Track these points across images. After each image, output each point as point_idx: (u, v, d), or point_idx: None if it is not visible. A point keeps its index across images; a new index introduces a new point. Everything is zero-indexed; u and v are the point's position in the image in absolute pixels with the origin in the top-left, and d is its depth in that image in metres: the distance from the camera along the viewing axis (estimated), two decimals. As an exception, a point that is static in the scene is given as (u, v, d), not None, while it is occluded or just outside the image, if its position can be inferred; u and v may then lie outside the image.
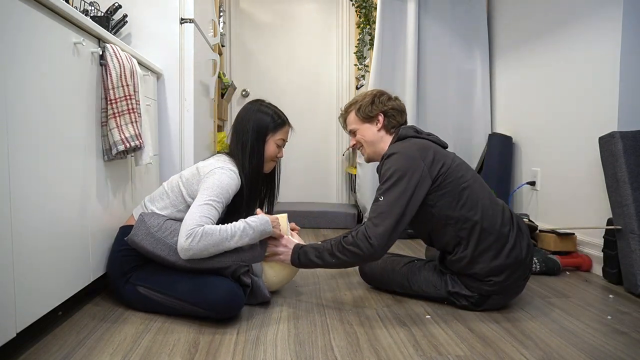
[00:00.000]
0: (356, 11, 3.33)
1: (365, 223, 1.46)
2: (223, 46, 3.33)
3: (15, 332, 1.03)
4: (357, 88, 3.65)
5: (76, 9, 1.38)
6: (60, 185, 1.24)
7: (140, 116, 1.63)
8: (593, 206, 2.02)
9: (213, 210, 1.38)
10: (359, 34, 3.44)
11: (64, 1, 1.20)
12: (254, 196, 1.61)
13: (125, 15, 2.04)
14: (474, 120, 2.92)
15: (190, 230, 1.31)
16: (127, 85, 1.52)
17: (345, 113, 1.72)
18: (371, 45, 3.04)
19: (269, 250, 1.52)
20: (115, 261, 1.47)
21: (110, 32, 1.81)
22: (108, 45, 1.48)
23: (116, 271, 1.46)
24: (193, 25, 2.19)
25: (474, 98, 2.93)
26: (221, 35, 3.15)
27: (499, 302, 1.49)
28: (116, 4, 1.96)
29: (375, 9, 2.82)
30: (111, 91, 1.47)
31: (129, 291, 1.43)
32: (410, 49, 2.79)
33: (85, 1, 1.87)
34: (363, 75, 3.36)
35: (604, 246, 1.89)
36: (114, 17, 1.97)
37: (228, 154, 1.60)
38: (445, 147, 1.60)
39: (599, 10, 1.98)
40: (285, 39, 3.81)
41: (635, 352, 1.20)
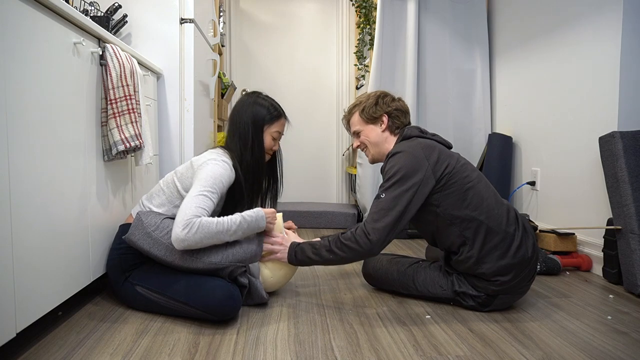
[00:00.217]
0: (356, 11, 3.33)
1: (364, 219, 1.46)
2: (223, 46, 3.33)
3: (15, 332, 1.03)
4: (357, 88, 3.66)
5: (76, 9, 1.38)
6: (60, 185, 1.24)
7: (140, 116, 1.63)
8: (593, 206, 2.02)
9: (208, 201, 1.37)
10: (359, 34, 3.45)
11: (64, 1, 1.20)
12: (256, 189, 1.60)
13: (125, 15, 2.04)
14: (474, 120, 2.92)
15: (187, 221, 1.30)
16: (127, 85, 1.52)
17: (348, 114, 1.72)
18: (371, 45, 3.04)
19: (265, 248, 1.52)
20: (114, 259, 1.47)
21: (110, 32, 1.81)
22: (108, 45, 1.48)
23: (115, 269, 1.46)
24: (193, 25, 2.19)
25: (474, 98, 2.93)
26: (221, 35, 3.15)
27: (505, 303, 1.49)
28: (116, 4, 1.96)
29: (375, 9, 2.82)
30: (111, 91, 1.47)
31: (127, 290, 1.43)
32: (410, 49, 2.79)
33: (85, 1, 1.87)
34: (363, 75, 3.37)
35: (604, 246, 1.89)
36: (114, 17, 1.97)
37: (224, 147, 1.59)
38: (450, 147, 1.60)
39: (599, 10, 1.98)
40: (285, 39, 3.81)
41: (635, 352, 1.20)
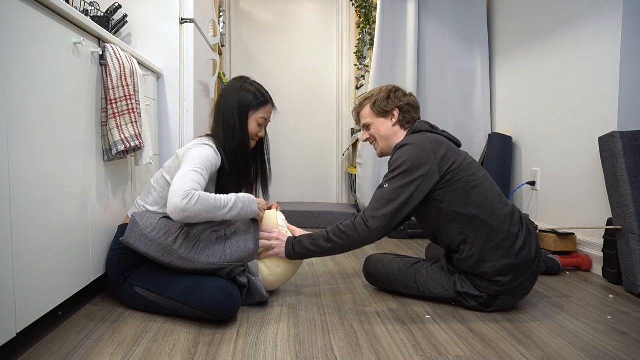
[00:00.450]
0: (356, 11, 3.33)
1: (371, 208, 1.46)
2: (223, 46, 3.33)
3: (15, 332, 1.03)
4: (357, 88, 3.66)
5: (76, 9, 1.38)
6: (60, 185, 1.24)
7: (140, 116, 1.63)
8: (593, 206, 2.02)
9: (200, 177, 1.35)
10: (359, 34, 3.44)
11: (64, 1, 1.20)
12: (242, 176, 1.57)
13: (125, 15, 2.04)
14: (474, 120, 2.92)
15: (187, 192, 1.28)
16: (127, 85, 1.52)
17: (359, 107, 1.70)
18: (371, 45, 3.04)
19: (261, 244, 1.52)
20: (113, 260, 1.46)
21: (110, 32, 1.82)
22: (108, 45, 1.48)
23: (114, 270, 1.46)
24: (193, 25, 2.19)
25: (474, 98, 2.93)
26: (221, 35, 3.15)
27: (507, 304, 1.48)
28: (116, 4, 1.96)
29: (375, 9, 2.82)
30: (111, 91, 1.47)
31: (126, 291, 1.43)
32: (410, 49, 2.79)
33: (85, 1, 1.87)
34: (363, 75, 3.37)
35: (604, 246, 1.89)
36: (114, 17, 1.97)
37: (209, 134, 1.57)
38: (459, 145, 1.60)
39: (599, 10, 1.98)
40: (285, 39, 3.81)
41: (635, 352, 1.20)
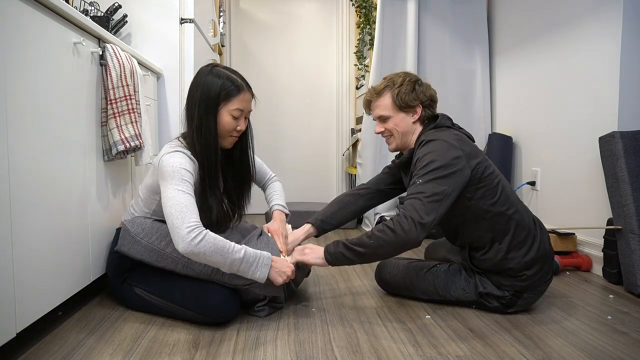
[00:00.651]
0: (356, 11, 3.33)
1: (409, 206, 1.32)
2: (223, 46, 3.33)
3: (15, 332, 1.03)
4: (357, 88, 3.66)
5: (76, 9, 1.38)
6: (60, 185, 1.24)
7: (140, 116, 1.63)
8: (593, 206, 2.02)
9: (189, 197, 1.24)
10: (359, 34, 3.44)
11: (64, 1, 1.20)
12: (213, 184, 1.38)
13: (125, 15, 2.04)
14: (474, 120, 2.92)
15: (190, 227, 1.19)
16: (127, 85, 1.52)
17: (377, 95, 1.51)
18: (371, 45, 3.04)
19: (295, 258, 1.45)
20: (112, 262, 1.47)
21: (110, 32, 1.81)
22: (108, 45, 1.48)
23: (113, 272, 1.46)
24: (193, 25, 2.19)
25: (474, 98, 2.93)
26: (221, 35, 3.16)
27: (529, 302, 1.47)
28: (116, 4, 1.96)
29: (375, 9, 2.82)
30: (111, 91, 1.47)
31: (125, 292, 1.43)
32: (410, 49, 2.79)
33: (85, 1, 1.87)
34: (363, 75, 3.36)
35: (604, 246, 1.89)
36: (114, 17, 1.97)
37: (182, 136, 1.41)
38: (473, 141, 1.52)
39: (599, 10, 1.98)
40: (285, 39, 3.81)
41: (635, 352, 1.20)
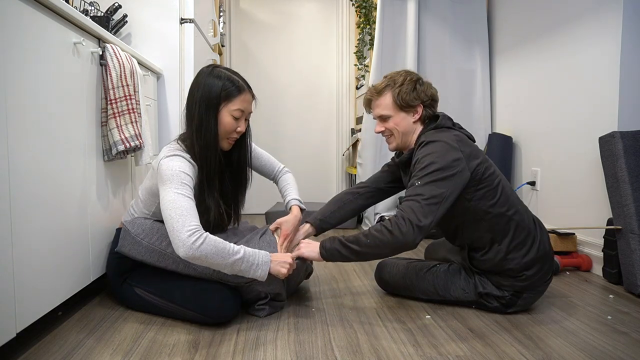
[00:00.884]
0: (356, 11, 3.33)
1: (407, 208, 1.32)
2: (223, 46, 3.33)
3: (15, 332, 1.03)
4: (357, 88, 3.66)
5: (76, 9, 1.38)
6: (60, 185, 1.24)
7: (140, 116, 1.63)
8: (593, 206, 2.02)
9: (187, 201, 1.22)
10: (359, 34, 3.44)
11: (64, 1, 1.20)
12: (212, 185, 1.37)
13: (125, 15, 2.04)
14: (474, 120, 2.92)
15: (191, 231, 1.18)
16: (127, 85, 1.52)
17: (377, 94, 1.50)
18: (371, 45, 3.04)
19: (295, 253, 1.46)
20: (112, 262, 1.47)
21: (110, 32, 1.82)
22: (108, 45, 1.48)
23: (113, 272, 1.46)
24: (193, 25, 2.19)
25: (474, 98, 2.93)
26: (221, 35, 3.16)
27: (528, 302, 1.47)
28: (116, 4, 1.96)
29: (375, 9, 2.82)
30: (111, 91, 1.47)
31: (126, 292, 1.44)
32: (410, 49, 2.79)
33: (85, 1, 1.88)
34: (363, 75, 3.36)
35: (604, 246, 1.89)
36: (114, 17, 1.97)
37: (181, 137, 1.40)
38: (473, 141, 1.51)
39: (599, 10, 1.98)
40: (285, 39, 3.81)
41: (635, 352, 1.20)
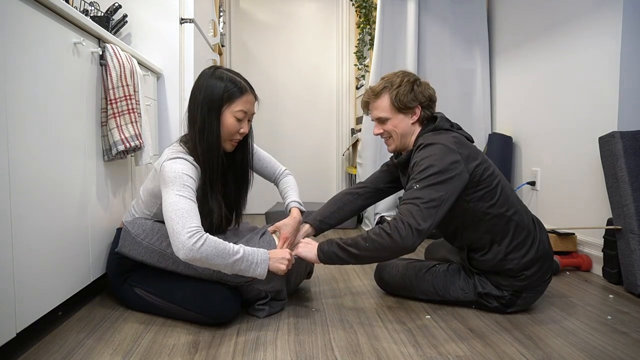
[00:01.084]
0: (356, 11, 3.33)
1: (406, 211, 1.31)
2: (223, 46, 3.33)
3: (15, 332, 1.03)
4: (357, 88, 3.65)
5: (76, 9, 1.38)
6: (60, 185, 1.24)
7: (140, 116, 1.63)
8: (593, 206, 2.02)
9: (188, 202, 1.21)
10: (359, 34, 3.44)
11: (64, 1, 1.20)
12: (215, 187, 1.36)
13: (125, 15, 2.04)
14: (474, 120, 2.92)
15: (191, 231, 1.17)
16: (127, 85, 1.52)
17: (375, 97, 1.49)
18: (371, 45, 3.04)
19: (293, 252, 1.46)
20: (112, 262, 1.47)
21: (110, 32, 1.82)
22: (108, 45, 1.48)
23: (114, 272, 1.46)
24: (193, 25, 2.19)
25: (474, 98, 2.93)
26: (221, 35, 3.15)
27: (528, 302, 1.47)
28: (116, 4, 1.96)
29: (375, 9, 2.82)
30: (111, 91, 1.47)
31: (126, 292, 1.44)
32: (410, 49, 2.79)
33: (85, 1, 1.87)
34: (363, 75, 3.36)
35: (604, 246, 1.89)
36: (114, 17, 1.97)
37: (183, 139, 1.39)
38: (472, 142, 1.51)
39: (599, 10, 1.98)
40: (285, 39, 3.81)
41: (635, 352, 1.20)
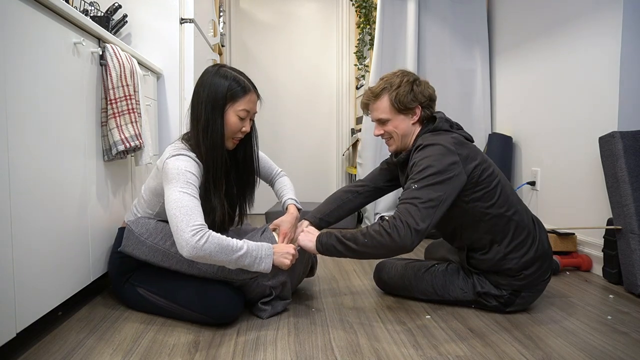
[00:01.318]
0: (356, 11, 3.33)
1: (405, 211, 1.30)
2: (223, 46, 3.33)
3: (15, 332, 1.03)
4: (357, 88, 3.66)
5: (76, 9, 1.38)
6: (60, 185, 1.24)
7: (140, 116, 1.63)
8: (593, 206, 2.02)
9: (192, 199, 1.22)
10: (359, 34, 3.44)
11: (64, 1, 1.20)
12: (219, 180, 1.36)
13: (125, 15, 2.04)
14: (474, 120, 2.92)
15: (195, 229, 1.17)
16: (127, 85, 1.52)
17: (374, 98, 1.48)
18: (371, 45, 3.04)
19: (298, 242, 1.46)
20: (114, 262, 1.47)
21: (110, 32, 1.82)
22: (108, 45, 1.48)
23: (116, 272, 1.46)
24: (193, 25, 2.19)
25: (474, 98, 2.93)
26: (221, 35, 3.15)
27: (527, 301, 1.47)
28: (116, 4, 1.96)
29: (375, 9, 2.82)
30: (111, 91, 1.47)
31: (128, 291, 1.44)
32: (410, 49, 2.79)
33: (85, 1, 1.88)
34: (363, 75, 3.36)
35: (604, 246, 1.89)
36: (114, 17, 1.97)
37: (183, 137, 1.40)
38: (472, 141, 1.50)
39: (599, 10, 1.98)
40: (285, 39, 3.81)
41: (635, 352, 1.20)
